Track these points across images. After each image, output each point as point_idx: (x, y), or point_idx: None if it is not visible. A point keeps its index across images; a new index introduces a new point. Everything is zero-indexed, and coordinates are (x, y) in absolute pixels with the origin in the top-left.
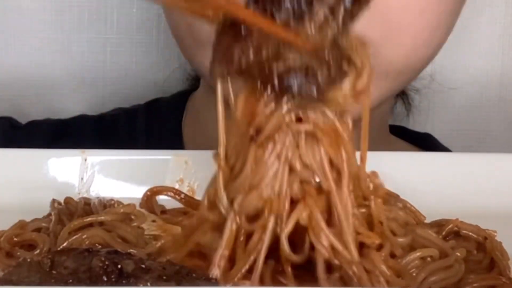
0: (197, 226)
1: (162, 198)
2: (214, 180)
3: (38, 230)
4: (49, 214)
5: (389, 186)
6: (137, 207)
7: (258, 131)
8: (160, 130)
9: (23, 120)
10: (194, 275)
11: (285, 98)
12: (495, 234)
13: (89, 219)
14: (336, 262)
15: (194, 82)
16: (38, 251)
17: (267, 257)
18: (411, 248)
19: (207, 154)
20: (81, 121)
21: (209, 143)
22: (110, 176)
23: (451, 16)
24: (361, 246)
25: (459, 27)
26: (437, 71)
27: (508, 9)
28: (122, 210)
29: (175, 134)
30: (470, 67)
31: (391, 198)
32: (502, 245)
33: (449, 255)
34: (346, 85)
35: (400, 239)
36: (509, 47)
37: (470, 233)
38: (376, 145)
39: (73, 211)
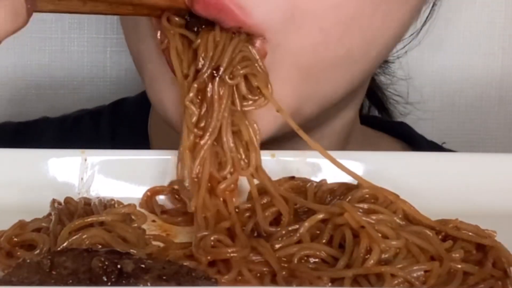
0: None
1: (162, 198)
2: None
3: (38, 230)
4: (49, 214)
5: (389, 186)
6: (137, 207)
7: None
8: (125, 131)
9: (22, 120)
10: (193, 274)
11: None
12: (495, 234)
13: (90, 219)
14: None
15: None
16: (38, 251)
17: None
18: (408, 251)
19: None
20: (43, 124)
21: (176, 142)
22: (110, 176)
23: (372, 19)
24: None
25: (459, 27)
26: (437, 70)
27: (508, 9)
28: (123, 211)
29: (140, 134)
30: (470, 67)
31: (387, 199)
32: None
33: (444, 258)
34: None
35: (393, 242)
36: (509, 47)
37: (470, 233)
38: (346, 138)
39: (73, 211)
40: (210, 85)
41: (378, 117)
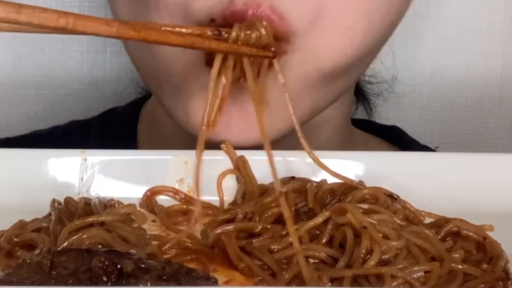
0: None
1: (162, 198)
2: None
3: (38, 230)
4: (49, 214)
5: (389, 186)
6: (137, 207)
7: None
8: (113, 140)
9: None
10: (193, 274)
11: None
12: (492, 229)
13: (90, 219)
14: None
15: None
16: (38, 251)
17: None
18: (409, 251)
19: (207, 153)
20: (31, 138)
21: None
22: (110, 176)
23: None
24: None
25: (459, 27)
26: (437, 70)
27: (508, 9)
28: (123, 211)
29: (129, 144)
30: (470, 67)
31: (387, 199)
32: (501, 245)
33: (445, 259)
34: None
35: (394, 243)
36: (509, 47)
37: (470, 233)
38: (337, 141)
39: (73, 211)
40: None
41: (370, 121)
